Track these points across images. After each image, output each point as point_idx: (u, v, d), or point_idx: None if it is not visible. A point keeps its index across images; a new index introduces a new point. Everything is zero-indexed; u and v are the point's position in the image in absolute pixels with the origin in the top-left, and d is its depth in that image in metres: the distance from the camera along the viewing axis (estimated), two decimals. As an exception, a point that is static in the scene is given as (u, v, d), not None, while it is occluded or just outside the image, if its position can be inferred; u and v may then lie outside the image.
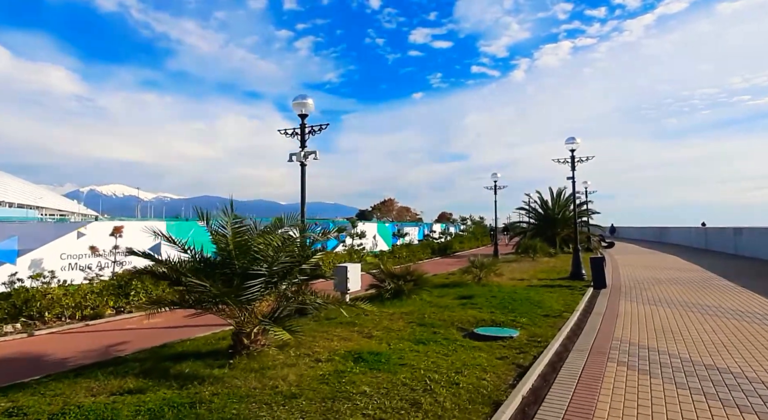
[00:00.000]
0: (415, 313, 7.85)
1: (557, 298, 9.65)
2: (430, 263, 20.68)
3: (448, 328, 6.79)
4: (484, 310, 8.13)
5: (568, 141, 12.82)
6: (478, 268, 11.86)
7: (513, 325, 7.01)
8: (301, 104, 7.76)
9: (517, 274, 13.74)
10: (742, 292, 10.05)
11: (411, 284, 9.36)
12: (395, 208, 55.28)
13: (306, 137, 7.88)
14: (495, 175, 20.60)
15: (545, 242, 24.19)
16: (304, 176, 7.85)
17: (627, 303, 9.05)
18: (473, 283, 11.60)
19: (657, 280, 12.66)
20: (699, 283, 11.84)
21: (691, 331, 6.60)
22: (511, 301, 9.07)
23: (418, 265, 18.60)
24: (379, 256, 20.13)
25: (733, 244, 21.72)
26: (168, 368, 4.67)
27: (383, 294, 9.04)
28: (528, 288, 11.08)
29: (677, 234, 32.33)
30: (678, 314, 7.83)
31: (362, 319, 7.28)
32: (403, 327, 6.86)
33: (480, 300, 9.27)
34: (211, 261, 5.30)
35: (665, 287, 11.17)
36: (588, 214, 26.24)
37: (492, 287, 11.13)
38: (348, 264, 8.79)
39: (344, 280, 8.36)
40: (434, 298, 9.54)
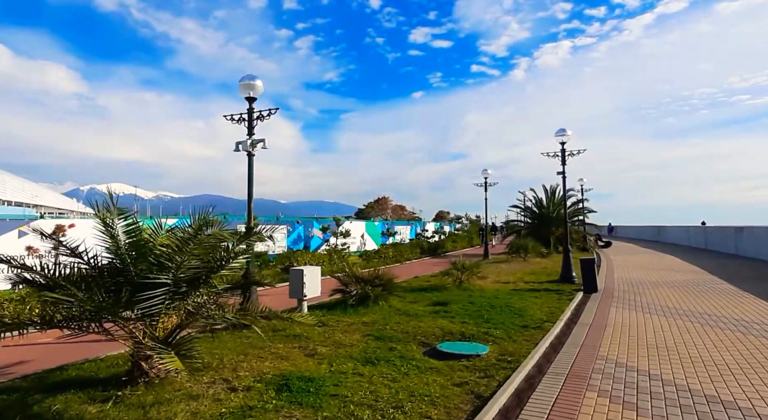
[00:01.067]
0: (378, 324, 6.93)
1: (542, 304, 8.73)
2: (417, 264, 19.76)
3: (409, 343, 5.87)
4: (456, 320, 7.21)
5: (558, 133, 11.90)
6: (459, 271, 10.94)
7: (484, 339, 6.09)
8: (248, 86, 6.82)
9: (503, 277, 12.82)
10: (745, 298, 9.14)
11: (379, 289, 8.44)
12: (389, 207, 54.29)
13: (254, 123, 6.94)
14: (485, 172, 19.66)
15: (539, 242, 23.26)
16: (251, 168, 6.91)
17: (618, 310, 8.13)
18: (453, 287, 10.68)
19: (653, 282, 11.74)
20: (698, 286, 10.93)
21: (690, 347, 5.68)
22: (489, 309, 8.16)
23: (403, 266, 17.70)
24: (363, 255, 19.22)
25: (734, 244, 20.81)
26: (32, 405, 3.74)
27: (348, 300, 8.11)
28: (512, 292, 10.16)
29: (675, 233, 31.44)
30: (674, 325, 6.91)
31: (313, 332, 6.36)
32: (357, 341, 5.94)
33: (455, 307, 8.35)
34: (108, 267, 4.36)
35: (661, 291, 10.26)
36: (583, 212, 25.34)
37: (473, 292, 10.21)
38: (305, 267, 7.86)
39: (299, 286, 7.43)
40: (405, 305, 8.62)
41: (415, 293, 10.13)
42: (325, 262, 15.41)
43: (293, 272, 7.62)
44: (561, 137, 11.92)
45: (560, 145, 12.00)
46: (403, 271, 15.92)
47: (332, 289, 8.61)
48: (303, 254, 14.87)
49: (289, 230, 19.34)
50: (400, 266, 18.40)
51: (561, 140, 11.96)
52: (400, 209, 55.11)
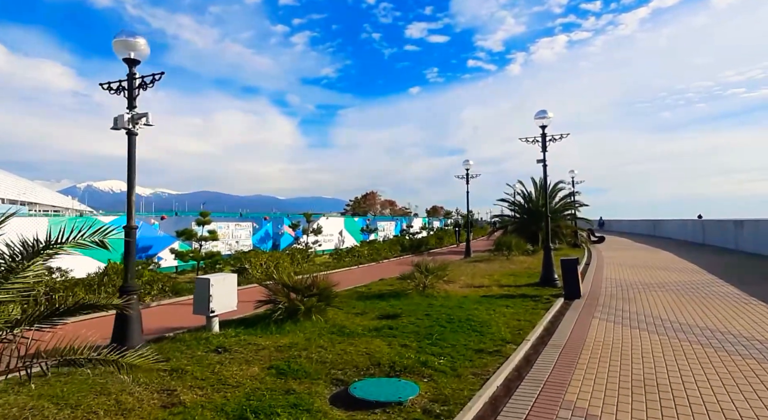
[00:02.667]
0: (295, 348, 5.47)
1: (511, 316, 7.30)
2: (395, 263, 18.31)
3: (317, 382, 4.41)
4: (396, 341, 5.77)
5: (538, 115, 10.41)
6: (422, 274, 9.48)
7: (420, 372, 4.64)
8: (125, 45, 5.29)
9: (477, 279, 11.38)
10: (753, 305, 7.73)
11: (314, 299, 6.97)
12: (378, 202, 52.67)
13: (136, 93, 5.43)
14: (467, 163, 18.16)
15: (527, 238, 21.85)
16: (132, 150, 5.40)
17: (601, 324, 6.70)
18: (415, 294, 9.24)
19: (646, 284, 10.33)
20: (696, 289, 9.52)
21: (689, 385, 4.25)
22: (445, 324, 6.72)
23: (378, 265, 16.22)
24: (334, 254, 17.76)
25: (734, 239, 19.46)
26: None
27: (273, 314, 6.64)
28: (481, 300, 8.72)
29: (672, 227, 30.13)
30: (669, 346, 5.49)
31: (202, 362, 4.89)
32: (250, 379, 4.48)
33: (405, 321, 6.91)
34: None
35: (655, 296, 8.84)
36: (574, 206, 23.88)
37: (435, 299, 8.77)
38: (215, 275, 6.36)
39: (205, 299, 5.94)
40: (347, 318, 7.17)
41: (367, 302, 8.68)
42: (286, 264, 13.93)
43: (198, 282, 6.12)
44: (541, 120, 10.44)
45: (540, 129, 10.52)
46: (372, 272, 14.49)
47: (257, 300, 7.14)
48: (258, 254, 13.39)
49: (255, 227, 17.85)
50: (375, 266, 16.96)
51: (541, 124, 10.48)
52: (389, 204, 53.54)
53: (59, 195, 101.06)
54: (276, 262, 13.54)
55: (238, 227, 17.11)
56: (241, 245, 17.03)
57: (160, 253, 13.75)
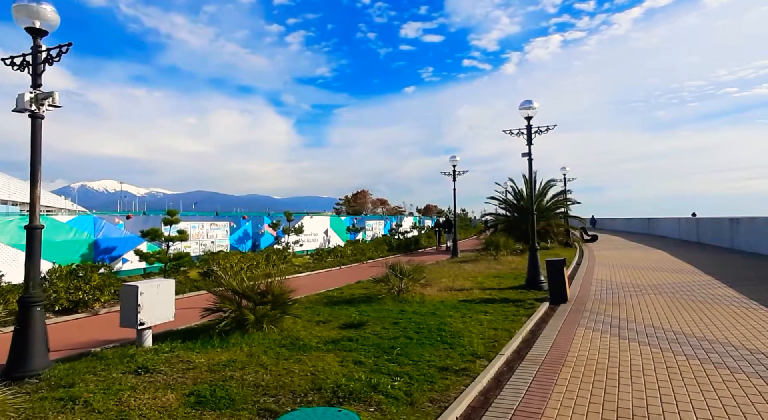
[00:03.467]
0: (231, 367, 4.71)
1: (489, 324, 6.57)
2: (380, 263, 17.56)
3: (239, 412, 3.65)
4: (352, 357, 5.02)
5: (523, 105, 9.68)
6: (397, 277, 8.74)
7: (368, 398, 3.89)
8: (28, 11, 4.49)
9: (459, 281, 10.65)
10: (753, 310, 7.05)
11: (268, 307, 6.21)
12: (369, 201, 51.83)
13: (41, 68, 4.63)
14: (453, 159, 17.43)
15: (518, 237, 21.18)
16: (36, 135, 4.60)
17: (587, 334, 5.98)
18: (389, 298, 8.49)
19: (638, 286, 9.65)
20: (692, 291, 8.85)
21: (686, 415, 3.53)
22: (414, 334, 5.99)
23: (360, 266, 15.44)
24: (315, 255, 16.99)
25: (729, 237, 18.88)
26: None
27: (218, 325, 5.86)
28: (459, 305, 7.99)
29: (666, 225, 29.60)
30: (663, 361, 4.78)
31: (108, 387, 4.12)
32: (162, 409, 3.72)
33: (369, 331, 6.17)
34: None
35: (647, 300, 8.15)
36: (566, 204, 23.24)
37: (410, 304, 8.04)
38: (145, 282, 5.54)
39: (132, 310, 5.16)
40: (305, 328, 6.42)
41: (335, 308, 7.93)
42: (260, 265, 13.15)
43: (124, 291, 5.32)
44: (526, 111, 9.72)
45: (525, 121, 9.80)
46: (353, 273, 13.74)
47: (204, 309, 6.35)
48: (229, 255, 12.59)
49: (233, 227, 17.02)
50: (358, 267, 16.22)
51: (526, 115, 9.75)
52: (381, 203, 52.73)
53: (52, 195, 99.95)
54: (249, 263, 12.76)
55: (214, 227, 16.27)
56: (217, 246, 16.20)
57: (125, 254, 12.92)
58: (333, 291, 9.99)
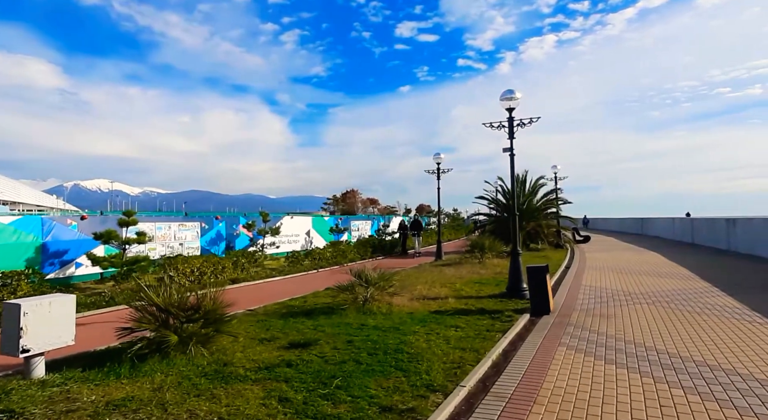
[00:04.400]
0: (124, 408, 3.80)
1: (457, 342, 5.70)
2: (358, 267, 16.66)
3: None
4: (280, 391, 4.13)
5: (504, 95, 8.82)
6: (363, 285, 7.85)
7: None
8: None
9: (436, 288, 9.77)
10: (758, 325, 6.22)
11: (197, 325, 5.30)
12: (359, 200, 50.78)
13: None
14: (438, 157, 16.55)
15: (507, 238, 20.35)
16: None
17: (568, 356, 5.12)
18: (352, 309, 7.61)
19: (629, 294, 8.82)
20: (689, 300, 8.03)
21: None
22: (366, 356, 5.12)
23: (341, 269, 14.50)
24: (290, 257, 16.06)
25: (726, 238, 18.14)
26: None
27: (131, 348, 4.94)
28: (429, 317, 7.11)
29: (660, 225, 28.91)
30: (655, 396, 3.92)
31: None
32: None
33: (316, 352, 5.29)
34: None
35: (639, 311, 7.32)
36: (557, 203, 22.43)
37: (375, 316, 7.16)
38: (31, 299, 4.56)
39: (14, 333, 4.23)
40: (244, 348, 5.52)
41: (290, 320, 7.04)
42: (227, 270, 12.23)
43: (6, 309, 4.38)
44: (507, 102, 8.86)
45: (506, 113, 8.94)
46: (329, 278, 12.82)
47: (119, 328, 5.41)
48: (190, 259, 11.61)
49: (204, 228, 16.06)
50: (337, 270, 15.31)
51: (508, 106, 8.89)
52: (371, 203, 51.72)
53: (44, 194, 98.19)
54: (213, 267, 11.82)
55: (183, 228, 15.30)
56: (186, 248, 15.24)
57: (78, 258, 11.94)
58: (297, 299, 9.09)
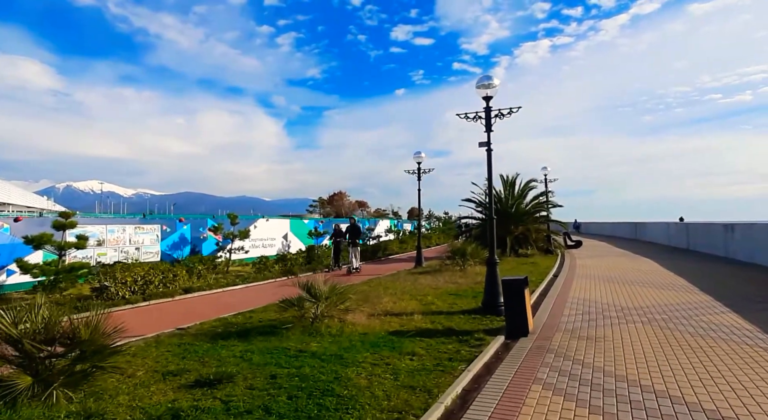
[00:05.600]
0: None
1: (408, 377, 4.56)
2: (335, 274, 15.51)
3: None
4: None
5: (481, 82, 7.73)
6: (312, 301, 6.69)
7: None
8: None
9: (404, 301, 8.64)
10: None
11: (64, 362, 4.13)
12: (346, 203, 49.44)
13: None
14: (418, 156, 15.45)
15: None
16: None
17: (544, 398, 4.00)
18: (298, 329, 6.46)
19: (622, 309, 7.74)
20: (689, 318, 6.95)
21: None
22: (285, 400, 3.98)
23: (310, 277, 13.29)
24: (257, 264, 14.86)
25: (723, 245, 17.18)
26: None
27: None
28: (385, 340, 5.98)
29: (654, 230, 28.00)
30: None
31: None
32: None
33: (223, 393, 4.14)
34: None
35: (633, 332, 6.23)
36: (547, 207, 21.41)
37: (320, 339, 6.01)
38: None
39: None
40: (137, 387, 4.35)
41: (217, 344, 5.88)
42: (179, 278, 11.02)
43: None
44: (484, 90, 7.77)
45: (483, 102, 7.85)
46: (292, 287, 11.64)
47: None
48: (133, 267, 10.38)
49: (166, 231, 14.83)
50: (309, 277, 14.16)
51: (485, 94, 7.81)
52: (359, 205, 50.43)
53: (34, 195, 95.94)
54: (163, 275, 10.61)
55: (140, 230, 14.05)
56: (143, 253, 14.01)
57: (10, 265, 10.69)
58: (243, 314, 7.93)
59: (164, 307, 9.33)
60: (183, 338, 6.24)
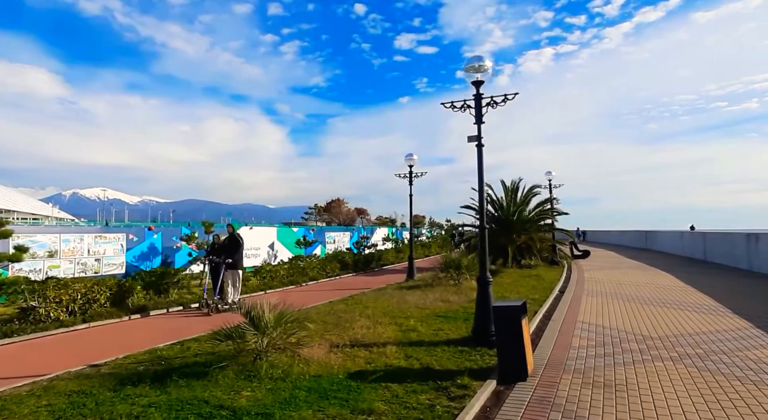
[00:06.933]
0: None
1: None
2: (325, 286, 14.16)
3: None
4: None
5: (469, 63, 6.40)
6: (260, 333, 5.31)
7: None
8: None
9: (381, 326, 7.21)
10: None
11: None
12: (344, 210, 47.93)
13: None
14: (410, 159, 14.11)
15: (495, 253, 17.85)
16: None
17: None
18: (234, 367, 5.09)
19: (643, 339, 6.29)
20: (730, 353, 5.51)
21: None
22: None
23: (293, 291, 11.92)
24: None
25: (746, 256, 15.64)
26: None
27: None
28: (343, 384, 4.59)
29: (666, 239, 26.41)
30: None
31: None
32: None
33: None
34: None
35: (662, 376, 4.80)
36: (552, 214, 19.94)
37: (255, 386, 4.63)
38: None
39: None
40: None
41: (124, 390, 4.52)
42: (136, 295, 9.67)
43: None
44: (475, 73, 6.44)
45: (473, 87, 6.51)
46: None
47: None
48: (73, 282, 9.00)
49: (132, 240, 13.54)
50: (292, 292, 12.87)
51: (475, 78, 6.47)
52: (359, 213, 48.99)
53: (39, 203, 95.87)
54: (108, 292, 9.26)
55: (101, 240, 12.77)
56: (105, 264, 12.72)
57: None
58: (181, 344, 6.55)
59: (104, 331, 8.01)
60: (84, 382, 4.88)
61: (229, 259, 9.91)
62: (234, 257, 10.03)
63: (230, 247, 10.24)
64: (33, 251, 10.94)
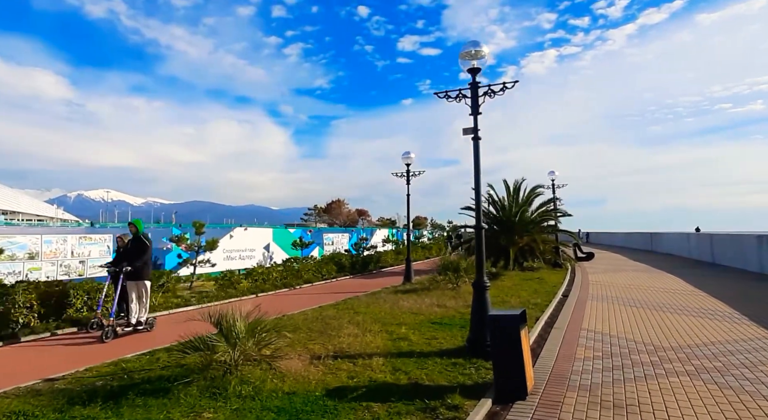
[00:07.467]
0: None
1: None
2: (321, 290, 13.66)
3: None
4: None
5: (466, 49, 5.89)
6: (231, 342, 4.79)
7: None
8: None
9: (370, 335, 6.68)
10: None
11: None
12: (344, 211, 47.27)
13: None
14: (408, 157, 13.59)
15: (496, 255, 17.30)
16: None
17: None
18: (200, 383, 4.57)
19: (655, 350, 5.74)
20: (750, 365, 4.96)
21: None
22: None
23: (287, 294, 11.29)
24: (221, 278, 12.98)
25: (758, 259, 15.01)
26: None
27: None
28: (317, 403, 4.07)
29: (672, 241, 25.75)
30: None
31: None
32: None
33: None
34: None
35: (677, 393, 4.26)
36: (555, 215, 19.36)
37: (220, 407, 4.12)
38: None
39: None
40: None
41: (73, 410, 4.00)
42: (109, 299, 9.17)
43: None
44: (471, 60, 5.92)
45: (469, 75, 6.00)
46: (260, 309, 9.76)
47: None
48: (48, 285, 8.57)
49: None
50: (283, 296, 12.37)
51: (471, 66, 5.95)
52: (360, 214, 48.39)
53: (44, 204, 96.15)
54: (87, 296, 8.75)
55: (86, 241, 12.31)
56: (90, 267, 12.25)
57: None
58: (150, 354, 6.04)
59: (75, 339, 7.51)
60: (31, 401, 4.37)
61: (129, 266, 7.68)
62: (135, 265, 7.74)
63: (132, 251, 8.01)
64: (11, 253, 10.49)
